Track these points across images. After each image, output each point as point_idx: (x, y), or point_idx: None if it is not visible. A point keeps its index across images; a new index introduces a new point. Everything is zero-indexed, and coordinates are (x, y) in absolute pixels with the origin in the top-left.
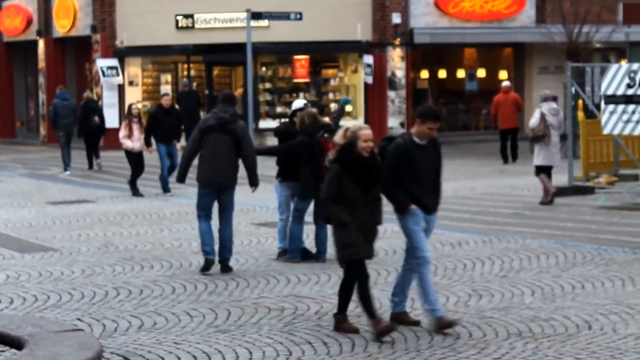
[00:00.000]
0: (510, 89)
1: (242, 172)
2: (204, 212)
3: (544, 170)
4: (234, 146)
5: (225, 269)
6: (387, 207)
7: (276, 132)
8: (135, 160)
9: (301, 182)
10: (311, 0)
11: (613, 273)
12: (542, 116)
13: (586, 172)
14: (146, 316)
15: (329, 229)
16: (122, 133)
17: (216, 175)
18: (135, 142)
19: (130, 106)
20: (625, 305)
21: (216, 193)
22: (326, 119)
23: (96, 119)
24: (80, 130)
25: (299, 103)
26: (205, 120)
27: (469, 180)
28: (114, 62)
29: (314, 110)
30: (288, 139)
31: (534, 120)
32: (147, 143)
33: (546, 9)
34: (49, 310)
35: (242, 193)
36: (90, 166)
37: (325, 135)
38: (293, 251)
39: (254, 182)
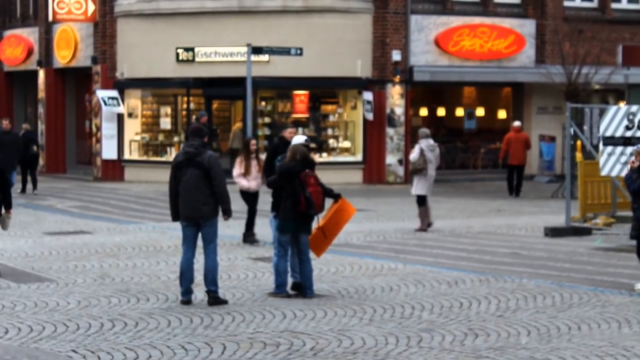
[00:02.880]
0: (521, 128)
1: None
2: (185, 244)
3: (422, 200)
4: (204, 178)
5: (212, 301)
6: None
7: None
8: (252, 202)
9: (281, 214)
10: (312, 36)
11: (609, 315)
12: (421, 151)
13: (583, 213)
14: (141, 349)
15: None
16: (237, 171)
17: (188, 210)
18: (251, 181)
19: (248, 141)
20: (621, 347)
21: (194, 226)
22: (411, 156)
23: (34, 148)
24: (20, 158)
25: (299, 139)
26: (176, 157)
27: (466, 219)
28: (114, 93)
29: (305, 147)
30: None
31: (414, 155)
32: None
33: (546, 49)
34: (44, 341)
35: (240, 227)
36: (24, 190)
37: (307, 171)
38: (280, 286)
39: (225, 212)
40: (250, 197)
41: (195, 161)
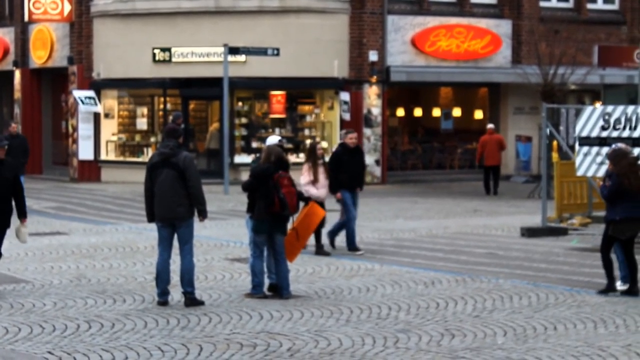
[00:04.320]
0: (495, 130)
1: (215, 204)
2: (161, 245)
3: None
4: (179, 179)
5: (189, 302)
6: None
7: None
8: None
9: (255, 215)
10: (288, 37)
11: (585, 315)
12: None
13: (560, 214)
14: (118, 350)
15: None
16: (306, 179)
17: (162, 210)
18: (321, 189)
19: (314, 146)
20: (597, 348)
21: (170, 227)
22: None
23: None
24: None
25: (273, 139)
26: (151, 158)
27: (442, 219)
28: (90, 93)
29: (280, 148)
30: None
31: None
32: (334, 189)
33: (522, 50)
34: (19, 342)
35: (217, 228)
36: None
37: (281, 172)
38: (256, 287)
39: (200, 213)
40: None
41: (171, 162)
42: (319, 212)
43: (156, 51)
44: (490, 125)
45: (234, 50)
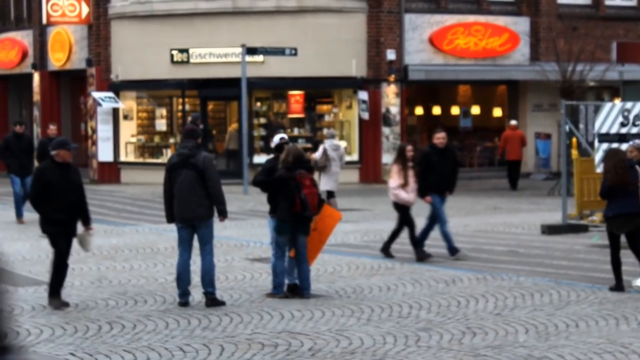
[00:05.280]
0: (517, 127)
1: (239, 206)
2: (181, 246)
3: (331, 194)
4: (199, 179)
5: (210, 303)
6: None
7: (264, 169)
8: (406, 214)
9: (277, 216)
10: (306, 36)
11: (607, 312)
12: (325, 151)
13: (580, 210)
14: (139, 351)
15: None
16: (396, 182)
17: (182, 211)
18: (410, 193)
19: (403, 148)
20: (619, 344)
21: (190, 227)
22: (315, 155)
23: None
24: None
25: (276, 138)
26: (170, 159)
27: (462, 217)
28: (109, 93)
29: (299, 147)
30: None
31: (317, 154)
32: (423, 193)
33: (540, 47)
34: (41, 344)
35: (237, 228)
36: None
37: (302, 172)
38: (277, 287)
39: (220, 213)
40: (406, 210)
41: (190, 162)
42: (335, 215)
43: (174, 52)
44: (512, 122)
45: (251, 51)
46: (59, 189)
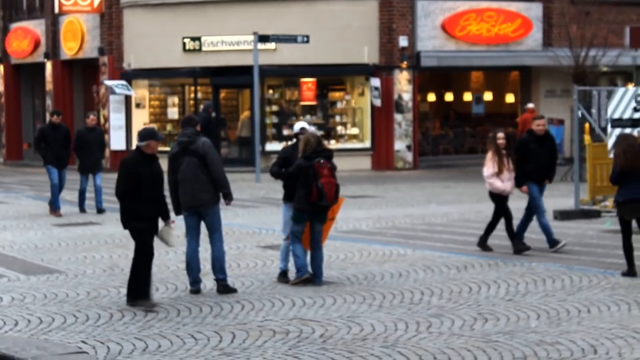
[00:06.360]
0: (534, 110)
1: (245, 193)
2: (188, 234)
3: None
4: (201, 165)
5: (222, 289)
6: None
7: (280, 158)
8: (503, 205)
9: (295, 205)
10: (318, 23)
11: (619, 297)
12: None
13: (592, 196)
14: (151, 339)
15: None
16: (489, 170)
17: (187, 198)
18: (506, 182)
19: (495, 134)
20: (631, 330)
21: (196, 215)
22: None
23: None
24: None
25: (297, 127)
26: (171, 149)
27: (475, 204)
28: (122, 82)
29: (317, 133)
30: (290, 164)
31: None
32: (519, 182)
33: (553, 32)
34: (53, 332)
35: (249, 215)
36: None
37: (322, 161)
38: (301, 268)
39: (225, 196)
40: (502, 201)
41: (190, 149)
42: (339, 199)
43: (186, 40)
44: (529, 105)
45: (264, 38)
46: (147, 182)
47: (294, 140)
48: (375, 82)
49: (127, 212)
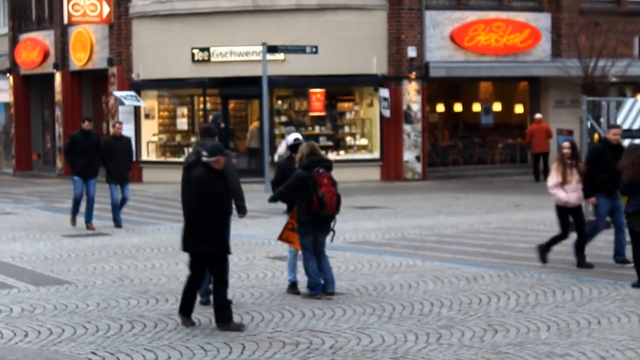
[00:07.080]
0: (542, 120)
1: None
2: None
3: None
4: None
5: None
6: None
7: (278, 173)
8: (566, 218)
9: (298, 218)
10: (326, 34)
11: (629, 308)
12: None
13: None
14: (161, 350)
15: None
16: (553, 180)
17: None
18: (570, 193)
19: (562, 145)
20: None
21: None
22: (279, 150)
23: None
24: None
25: (291, 138)
26: (187, 158)
27: (484, 215)
28: (131, 92)
29: (314, 143)
30: (288, 177)
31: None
32: (587, 193)
33: (562, 43)
34: (63, 343)
35: (258, 226)
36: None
37: (321, 170)
38: (315, 287)
39: (240, 209)
40: (566, 213)
41: None
42: None
43: (195, 51)
44: (537, 115)
45: (272, 49)
46: (217, 198)
47: (288, 152)
48: (384, 92)
49: (195, 233)
